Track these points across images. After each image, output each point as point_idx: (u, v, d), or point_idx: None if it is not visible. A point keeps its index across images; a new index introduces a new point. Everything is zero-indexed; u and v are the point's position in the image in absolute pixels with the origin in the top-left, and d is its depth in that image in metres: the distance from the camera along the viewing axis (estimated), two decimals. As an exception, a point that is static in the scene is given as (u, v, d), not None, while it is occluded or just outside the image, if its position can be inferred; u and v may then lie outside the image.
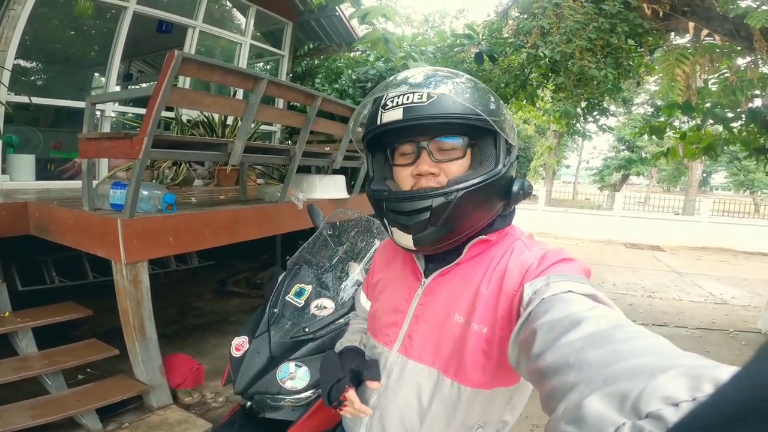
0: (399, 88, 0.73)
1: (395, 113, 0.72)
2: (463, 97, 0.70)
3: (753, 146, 4.63)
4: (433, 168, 0.73)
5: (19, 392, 2.38)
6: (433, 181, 0.73)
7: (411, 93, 0.71)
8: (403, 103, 0.71)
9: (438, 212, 0.70)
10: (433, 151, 0.74)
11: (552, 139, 17.11)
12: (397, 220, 0.74)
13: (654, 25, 3.61)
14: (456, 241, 0.76)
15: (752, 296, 6.77)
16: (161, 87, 2.26)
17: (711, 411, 0.22)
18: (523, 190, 0.77)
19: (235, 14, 6.17)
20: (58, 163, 4.77)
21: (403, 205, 0.73)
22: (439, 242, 0.74)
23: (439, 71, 0.77)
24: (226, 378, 1.87)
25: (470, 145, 0.75)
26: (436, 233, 0.72)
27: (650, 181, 25.12)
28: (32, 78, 5.98)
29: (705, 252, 11.27)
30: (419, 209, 0.71)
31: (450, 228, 0.72)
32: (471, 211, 0.72)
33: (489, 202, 0.74)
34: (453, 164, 0.74)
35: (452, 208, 0.70)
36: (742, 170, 19.02)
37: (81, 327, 3.37)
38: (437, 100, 0.70)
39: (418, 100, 0.70)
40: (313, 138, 4.48)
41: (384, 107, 0.74)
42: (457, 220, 0.71)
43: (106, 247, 2.47)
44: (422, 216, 0.71)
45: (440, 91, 0.70)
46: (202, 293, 5.11)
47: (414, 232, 0.73)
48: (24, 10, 3.62)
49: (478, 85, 0.76)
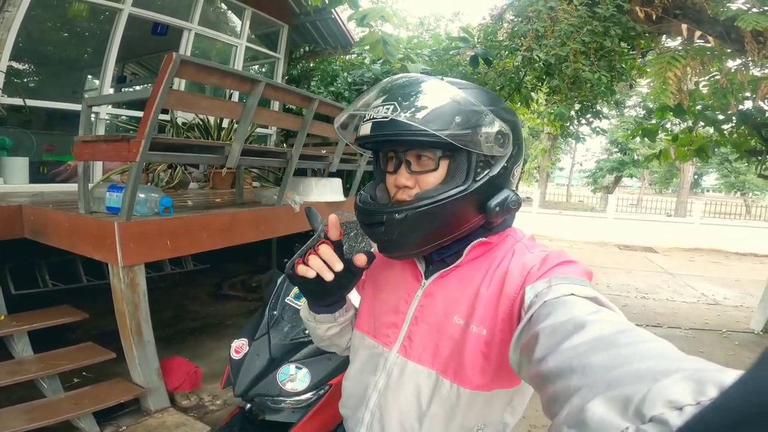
0: (376, 99, 0.75)
1: (366, 127, 0.74)
2: (419, 114, 0.69)
3: (744, 148, 4.69)
4: (408, 181, 0.75)
5: (14, 396, 2.36)
6: (405, 194, 0.75)
7: (381, 106, 0.72)
8: (373, 117, 0.72)
9: (390, 227, 0.72)
10: (412, 161, 0.75)
11: (546, 142, 17.22)
12: (364, 229, 0.78)
13: (646, 28, 3.65)
14: (426, 250, 0.77)
15: (744, 297, 6.83)
16: (159, 89, 2.25)
17: (715, 415, 0.22)
18: (501, 206, 0.75)
19: (231, 17, 6.17)
20: (51, 166, 4.73)
21: (363, 218, 0.77)
22: (407, 251, 0.76)
23: (412, 81, 0.76)
24: (226, 380, 1.87)
25: (446, 157, 0.74)
26: (397, 244, 0.74)
27: (642, 183, 25.34)
28: (25, 80, 5.94)
29: (697, 253, 11.37)
30: (374, 223, 0.74)
31: (411, 240, 0.74)
32: (433, 225, 0.72)
33: (457, 217, 0.74)
34: (429, 176, 0.74)
35: (404, 224, 0.71)
36: (733, 172, 19.20)
37: (76, 330, 3.35)
38: (396, 116, 0.70)
39: (384, 114, 0.71)
40: (309, 141, 4.48)
41: (363, 119, 0.76)
42: (415, 234, 0.72)
43: (102, 250, 2.46)
44: (378, 229, 0.73)
45: (400, 107, 0.70)
46: (198, 296, 5.08)
47: (377, 242, 0.76)
48: (18, 12, 3.59)
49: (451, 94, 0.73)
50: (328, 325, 0.88)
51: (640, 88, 9.81)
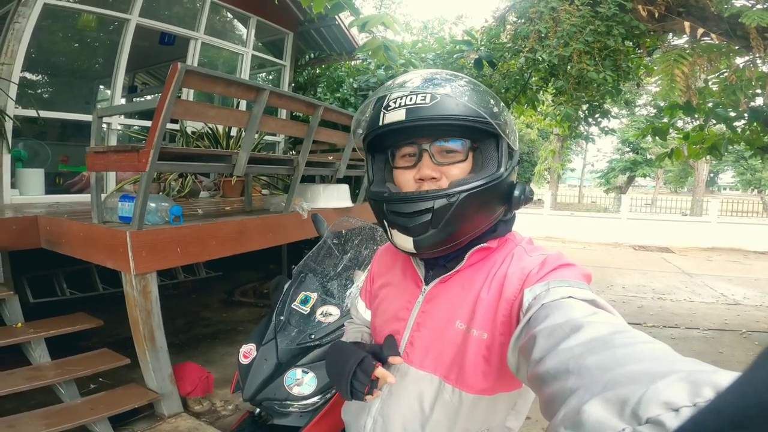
0: (402, 89, 0.73)
1: (398, 114, 0.71)
2: (467, 99, 0.70)
3: (757, 145, 4.60)
4: (434, 172, 0.72)
5: (32, 401, 2.42)
6: (434, 186, 0.72)
7: (414, 94, 0.70)
8: (406, 104, 0.70)
9: (440, 214, 0.69)
10: (435, 154, 0.73)
11: (555, 143, 17.08)
12: (398, 221, 0.73)
13: (650, 27, 3.62)
14: (456, 245, 0.75)
15: (764, 296, 6.69)
16: (166, 99, 2.30)
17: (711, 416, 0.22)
18: (524, 196, 0.77)
19: (237, 25, 6.25)
20: (66, 177, 4.83)
21: (405, 207, 0.72)
22: (440, 245, 0.73)
23: (441, 73, 0.77)
24: (235, 385, 1.89)
25: (472, 148, 0.74)
26: (437, 236, 0.71)
27: (657, 183, 24.97)
28: (38, 91, 6.07)
29: (715, 252, 11.15)
30: (421, 210, 0.70)
31: (451, 231, 0.71)
32: (472, 214, 0.71)
33: (490, 206, 0.74)
34: (454, 167, 0.73)
35: (454, 210, 0.69)
36: (749, 169, 18.90)
37: (92, 338, 3.41)
38: (440, 101, 0.69)
39: (421, 101, 0.69)
40: (316, 147, 4.52)
41: (386, 108, 0.73)
42: (459, 223, 0.71)
43: (115, 258, 2.51)
44: (424, 217, 0.70)
45: (443, 92, 0.70)
46: (210, 303, 5.14)
47: (415, 234, 0.72)
48: (29, 23, 3.67)
49: (479, 87, 0.75)
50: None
51: (649, 86, 9.70)
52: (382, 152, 0.82)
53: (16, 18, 3.65)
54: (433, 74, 0.76)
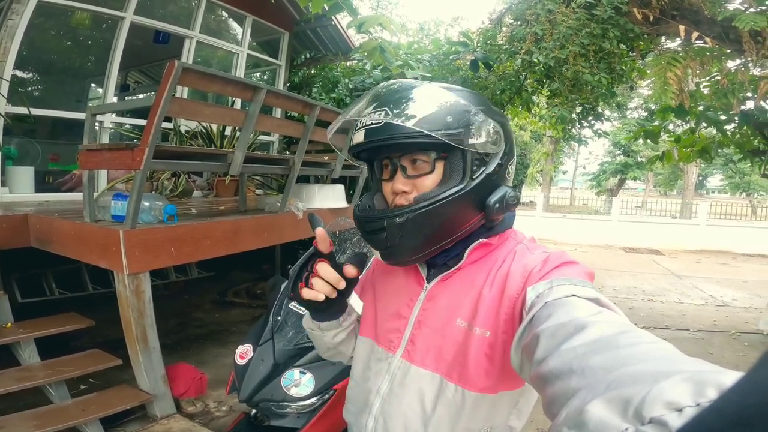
0: (368, 107, 0.76)
1: (360, 135, 0.74)
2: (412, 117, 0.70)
3: (747, 148, 4.67)
4: (405, 186, 0.75)
5: (21, 403, 2.38)
6: (403, 199, 0.75)
7: (373, 113, 0.73)
8: (365, 125, 0.73)
9: (392, 232, 0.72)
10: (407, 166, 0.75)
11: (548, 145, 17.20)
12: (365, 238, 0.79)
13: (645, 30, 3.66)
14: (431, 253, 0.76)
15: (753, 298, 6.79)
16: (162, 97, 2.28)
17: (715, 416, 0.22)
18: (500, 203, 0.75)
19: (232, 24, 6.22)
20: (57, 176, 4.77)
21: (364, 225, 0.77)
22: (409, 256, 0.76)
23: (402, 86, 0.78)
24: (231, 386, 1.87)
25: (441, 158, 0.74)
26: (399, 249, 0.74)
27: (647, 185, 25.25)
28: (30, 89, 5.99)
29: (704, 255, 11.29)
30: (375, 229, 0.74)
31: (412, 244, 0.73)
32: (434, 226, 0.73)
33: (457, 216, 0.74)
34: (425, 179, 0.74)
35: (406, 228, 0.71)
36: (737, 173, 19.15)
37: (82, 338, 3.37)
38: (388, 121, 0.71)
39: (376, 121, 0.72)
40: (311, 147, 4.50)
41: (356, 128, 0.76)
42: (416, 237, 0.73)
43: (108, 258, 2.48)
44: (380, 235, 0.74)
45: (393, 112, 0.71)
46: (203, 304, 5.10)
47: (378, 249, 0.77)
48: (22, 20, 3.63)
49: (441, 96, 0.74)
50: (334, 331, 0.88)
51: (641, 89, 9.80)
52: (372, 164, 0.85)
53: (9, 15, 3.60)
54: (389, 89, 0.78)
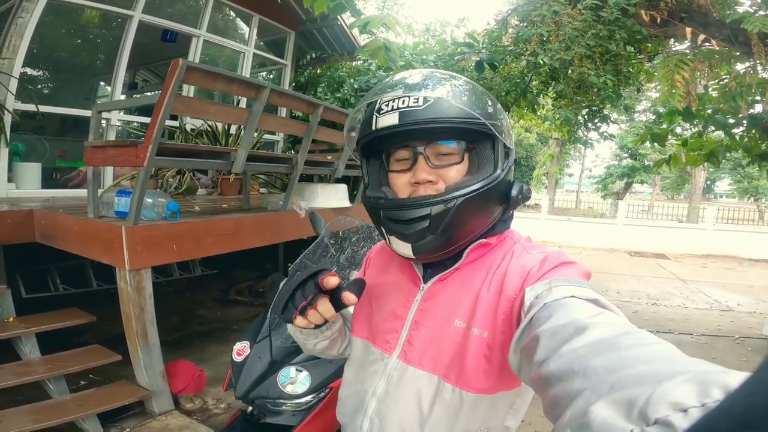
0: (394, 91, 0.72)
1: (391, 118, 0.69)
2: (461, 101, 0.69)
3: (755, 152, 4.62)
4: (430, 176, 0.71)
5: (20, 397, 2.39)
6: (431, 189, 0.71)
7: (407, 96, 0.69)
8: (398, 107, 0.69)
9: (437, 220, 0.69)
10: (430, 156, 0.72)
11: (554, 148, 17.12)
12: (395, 228, 0.73)
13: (652, 32, 3.63)
14: (455, 249, 0.74)
15: (758, 303, 6.72)
16: (166, 95, 2.29)
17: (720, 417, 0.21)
18: (521, 195, 0.76)
19: (239, 24, 6.25)
20: (64, 172, 4.82)
21: (402, 213, 0.71)
22: (439, 250, 0.73)
23: (436, 73, 0.75)
24: (228, 383, 1.87)
25: (468, 150, 0.73)
26: (436, 241, 0.71)
27: (654, 189, 25.07)
28: (39, 86, 6.05)
29: (710, 259, 11.19)
30: (418, 217, 0.69)
31: (449, 236, 0.71)
32: (470, 217, 0.71)
33: (488, 208, 0.73)
34: (451, 170, 0.72)
35: (452, 215, 0.68)
36: (745, 177, 19.00)
37: (84, 334, 3.39)
38: (434, 103, 0.68)
39: (414, 103, 0.68)
40: (315, 147, 4.51)
41: (379, 111, 0.71)
42: (457, 228, 0.70)
43: (110, 253, 2.49)
44: (421, 224, 0.69)
45: (437, 95, 0.68)
46: (205, 302, 5.12)
47: (413, 241, 0.71)
48: (32, 18, 3.67)
49: (475, 87, 0.74)
50: (315, 340, 0.85)
51: (649, 92, 9.74)
52: (377, 156, 0.81)
53: (19, 13, 3.64)
54: (425, 75, 0.75)
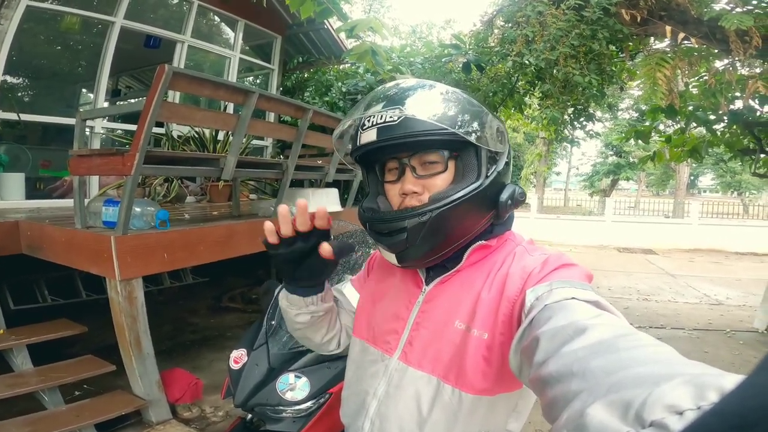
0: (377, 104, 0.74)
1: (370, 134, 0.72)
2: (431, 114, 0.70)
3: (736, 147, 4.72)
4: (416, 186, 0.73)
5: (15, 409, 2.35)
6: (415, 200, 0.74)
7: (384, 111, 0.71)
8: (377, 122, 0.72)
9: (414, 232, 0.71)
10: (417, 167, 0.74)
11: (541, 147, 17.28)
12: (379, 239, 0.76)
13: (633, 31, 3.69)
14: (444, 255, 0.75)
15: (746, 296, 6.83)
16: (152, 102, 2.27)
17: (715, 420, 0.21)
18: (512, 199, 0.77)
19: (224, 28, 6.21)
20: (48, 182, 4.73)
21: (381, 226, 0.75)
22: (425, 258, 0.75)
23: (411, 84, 0.77)
24: (226, 391, 1.86)
25: (452, 157, 0.74)
26: (418, 251, 0.73)
27: (639, 186, 25.44)
28: (20, 94, 5.93)
29: (697, 254, 11.37)
30: (396, 230, 0.72)
31: (431, 245, 0.72)
32: (453, 225, 0.72)
33: (473, 215, 0.74)
34: (436, 179, 0.74)
35: (428, 227, 0.70)
36: (728, 172, 19.33)
37: (75, 345, 3.33)
38: (405, 118, 0.70)
39: (390, 119, 0.70)
40: (305, 152, 4.50)
41: (362, 127, 0.75)
42: (439, 237, 0.72)
43: (100, 264, 2.46)
44: (400, 236, 0.72)
45: (410, 109, 0.70)
46: (198, 309, 5.07)
47: (396, 251, 0.74)
48: (11, 25, 3.60)
49: (453, 96, 0.75)
50: (297, 310, 0.85)
51: (631, 90, 9.89)
52: (374, 166, 0.83)
53: (-3, 20, 3.58)
54: (402, 87, 0.76)
